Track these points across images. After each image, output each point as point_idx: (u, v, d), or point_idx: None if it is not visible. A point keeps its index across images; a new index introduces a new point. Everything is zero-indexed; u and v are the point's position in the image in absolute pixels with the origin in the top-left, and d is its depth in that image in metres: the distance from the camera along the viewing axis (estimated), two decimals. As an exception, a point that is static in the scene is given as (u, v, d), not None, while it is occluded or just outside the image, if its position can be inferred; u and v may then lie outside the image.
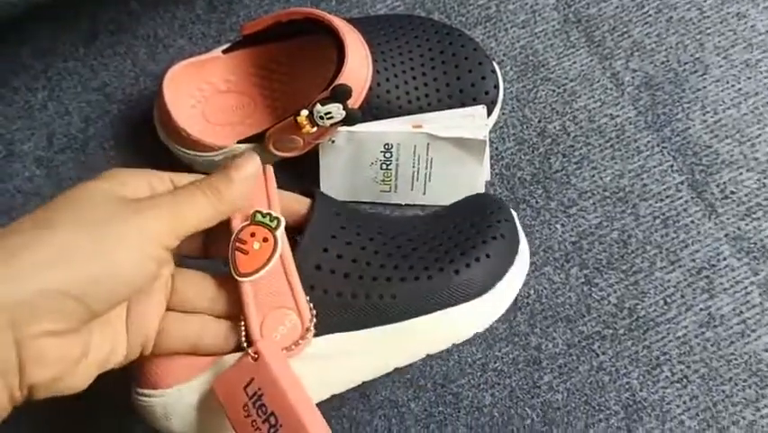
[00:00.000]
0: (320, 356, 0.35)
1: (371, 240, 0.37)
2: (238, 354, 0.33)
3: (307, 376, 0.34)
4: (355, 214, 0.39)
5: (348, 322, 0.35)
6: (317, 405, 0.34)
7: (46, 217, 0.28)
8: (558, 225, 0.48)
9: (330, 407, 0.45)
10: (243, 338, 0.33)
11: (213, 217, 0.32)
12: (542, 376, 0.45)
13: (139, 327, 0.32)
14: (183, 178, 0.34)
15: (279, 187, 0.36)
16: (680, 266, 0.47)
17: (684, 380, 0.45)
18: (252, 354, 0.33)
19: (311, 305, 0.34)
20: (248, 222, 0.34)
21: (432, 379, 0.45)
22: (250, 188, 0.34)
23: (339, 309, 0.35)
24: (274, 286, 0.33)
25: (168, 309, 0.34)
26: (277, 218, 0.34)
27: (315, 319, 0.34)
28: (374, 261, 0.36)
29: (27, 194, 0.50)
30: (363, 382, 0.38)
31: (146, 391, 0.35)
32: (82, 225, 0.28)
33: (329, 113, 0.43)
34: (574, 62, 0.52)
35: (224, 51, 0.49)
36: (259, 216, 0.34)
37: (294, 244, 0.34)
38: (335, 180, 0.48)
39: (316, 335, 0.34)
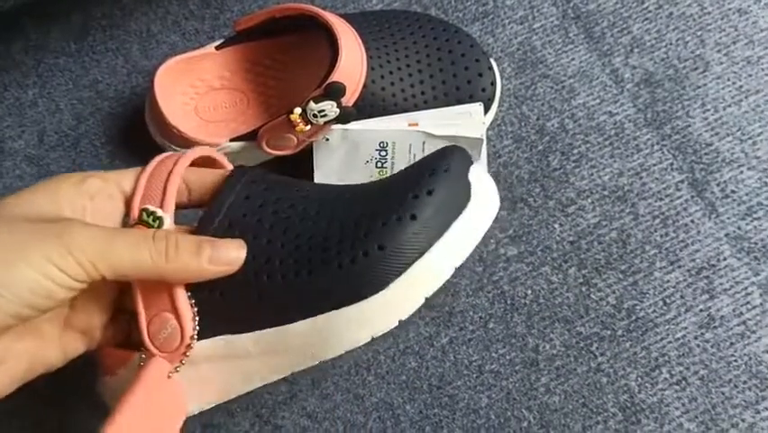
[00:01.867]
0: (210, 359, 0.33)
1: (282, 231, 0.33)
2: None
3: (200, 380, 0.33)
4: (271, 189, 0.35)
5: (239, 323, 0.33)
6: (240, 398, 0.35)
7: None
8: (556, 225, 0.48)
9: (323, 408, 0.44)
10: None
11: (146, 272, 0.30)
12: (539, 378, 0.45)
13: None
14: (126, 178, 0.33)
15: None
16: (679, 266, 0.47)
17: (683, 382, 0.45)
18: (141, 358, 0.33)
19: (195, 309, 0.32)
20: (134, 220, 0.33)
21: (427, 381, 0.45)
22: (213, 273, 0.31)
23: (227, 310, 0.32)
24: (155, 286, 0.32)
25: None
26: (159, 218, 0.32)
27: (197, 326, 0.32)
28: (274, 255, 0.32)
29: (16, 192, 0.49)
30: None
31: (102, 379, 0.36)
32: None
33: (323, 111, 0.42)
34: (573, 59, 0.51)
35: (218, 48, 0.48)
36: (144, 215, 0.33)
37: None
38: (329, 179, 0.47)
39: (202, 337, 0.32)
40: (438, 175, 0.32)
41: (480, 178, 0.33)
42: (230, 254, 0.31)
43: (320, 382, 0.45)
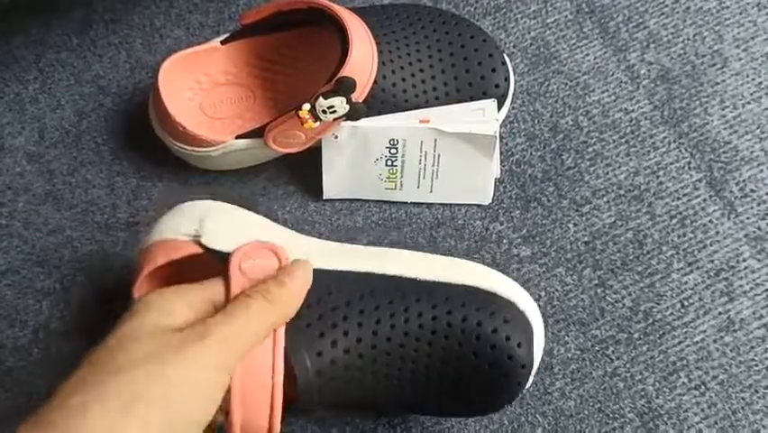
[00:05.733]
0: None
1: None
2: None
3: None
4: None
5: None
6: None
7: (76, 402, 0.26)
8: (570, 225, 0.46)
9: (332, 414, 0.43)
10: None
11: (267, 324, 0.32)
12: (553, 382, 0.44)
13: None
14: (216, 289, 0.33)
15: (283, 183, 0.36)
16: (697, 268, 0.45)
17: (702, 386, 0.43)
18: None
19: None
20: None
21: (439, 385, 0.44)
22: (304, 289, 0.34)
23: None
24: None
25: None
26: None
27: None
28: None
29: (17, 190, 0.48)
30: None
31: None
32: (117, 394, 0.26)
33: (332, 107, 0.41)
34: (587, 54, 0.50)
35: (223, 42, 0.47)
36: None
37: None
38: (338, 178, 0.46)
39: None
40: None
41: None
42: (298, 272, 0.34)
43: (328, 386, 0.44)
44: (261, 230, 0.40)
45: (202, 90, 0.47)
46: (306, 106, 0.41)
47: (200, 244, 0.36)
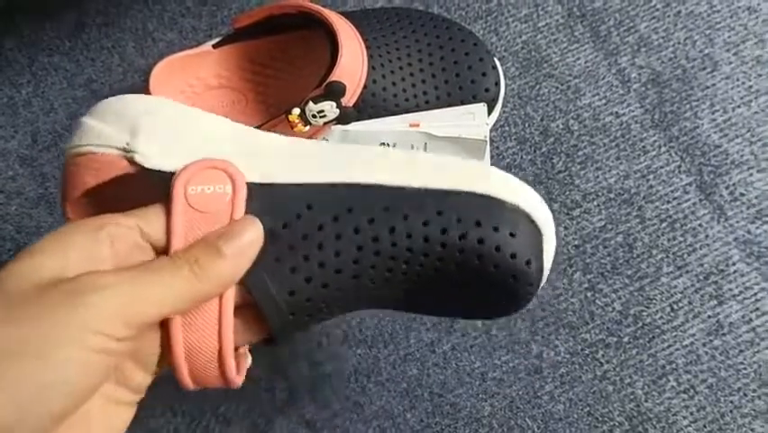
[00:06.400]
0: None
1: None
2: None
3: None
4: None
5: None
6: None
7: None
8: (561, 228, 0.47)
9: (322, 417, 0.43)
10: None
11: (187, 300, 0.26)
12: (543, 386, 0.44)
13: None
14: (154, 225, 0.28)
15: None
16: (687, 271, 0.45)
17: (691, 390, 0.43)
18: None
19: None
20: None
21: (429, 388, 0.44)
22: (245, 263, 0.28)
23: None
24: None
25: None
26: None
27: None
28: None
29: (10, 194, 0.48)
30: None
31: None
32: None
33: (322, 111, 0.41)
34: (578, 58, 0.50)
35: (215, 46, 0.47)
36: None
37: None
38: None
39: None
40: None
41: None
42: (244, 239, 0.28)
43: (319, 390, 0.44)
44: (211, 136, 0.32)
45: (194, 94, 0.47)
46: (297, 111, 0.41)
47: (133, 162, 0.29)
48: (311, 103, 0.41)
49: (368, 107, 0.43)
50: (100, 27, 0.52)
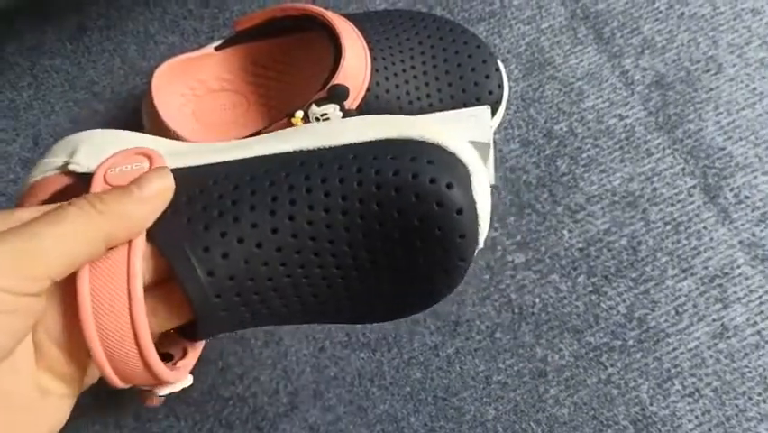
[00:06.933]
0: None
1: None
2: None
3: None
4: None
5: None
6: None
7: None
8: (565, 231, 0.46)
9: (325, 421, 0.43)
10: None
11: (90, 239, 0.25)
12: (547, 389, 0.44)
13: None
14: None
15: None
16: (692, 274, 0.45)
17: (696, 393, 0.43)
18: None
19: None
20: None
21: (432, 392, 0.44)
22: (154, 208, 0.27)
23: None
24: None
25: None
26: None
27: None
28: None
29: (11, 197, 0.48)
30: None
31: None
32: None
33: (325, 114, 0.41)
34: (582, 60, 0.50)
35: (217, 48, 0.47)
36: None
37: None
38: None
39: None
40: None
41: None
42: (154, 186, 0.28)
43: (322, 394, 0.44)
44: (138, 142, 0.33)
45: (195, 96, 0.47)
46: (300, 114, 0.41)
47: (69, 173, 0.31)
48: (314, 105, 0.41)
49: (371, 110, 0.43)
50: (101, 30, 0.52)
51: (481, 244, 0.30)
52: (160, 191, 0.28)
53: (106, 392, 0.43)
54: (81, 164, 0.31)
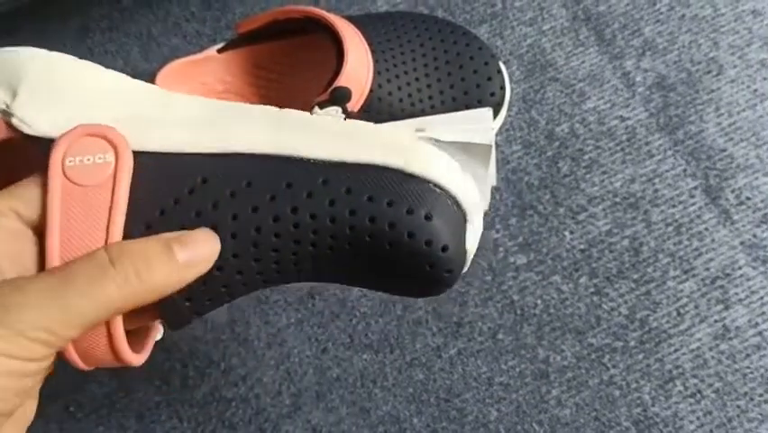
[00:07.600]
0: None
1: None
2: None
3: None
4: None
5: None
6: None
7: None
8: (566, 233, 0.47)
9: (328, 422, 0.43)
10: None
11: (121, 309, 0.24)
12: (550, 390, 0.44)
13: None
14: (29, 203, 0.25)
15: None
16: (693, 275, 0.45)
17: (698, 394, 0.43)
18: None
19: None
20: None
21: (435, 393, 0.44)
22: (192, 276, 0.25)
23: None
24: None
25: None
26: None
27: None
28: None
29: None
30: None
31: None
32: None
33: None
34: (583, 62, 0.50)
35: (220, 51, 0.47)
36: None
37: None
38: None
39: None
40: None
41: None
42: (204, 250, 0.26)
43: (325, 395, 0.44)
44: (102, 97, 0.29)
45: (198, 99, 0.47)
46: (302, 116, 0.41)
47: (11, 126, 0.27)
48: (316, 108, 0.41)
49: (373, 112, 0.43)
50: (104, 32, 0.52)
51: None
52: (206, 261, 0.26)
53: (108, 394, 0.44)
54: (27, 122, 0.27)
